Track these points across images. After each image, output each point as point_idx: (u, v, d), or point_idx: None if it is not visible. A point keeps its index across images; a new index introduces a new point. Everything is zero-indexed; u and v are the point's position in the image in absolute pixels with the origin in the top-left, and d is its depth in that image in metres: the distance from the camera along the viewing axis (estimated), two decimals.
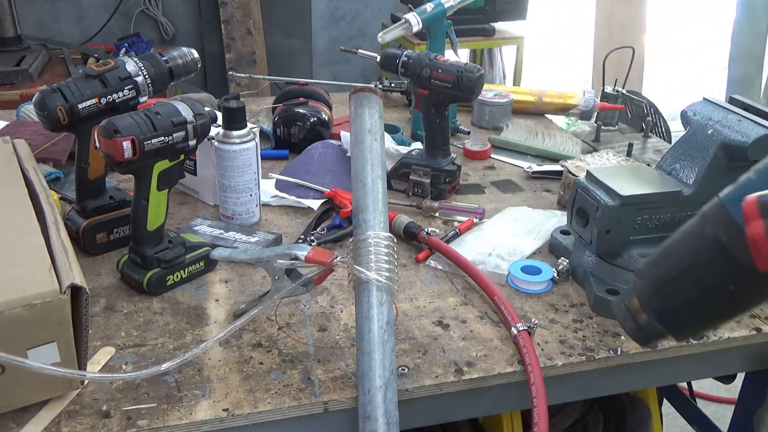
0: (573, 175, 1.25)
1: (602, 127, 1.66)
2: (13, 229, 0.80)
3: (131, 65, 1.02)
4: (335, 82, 2.09)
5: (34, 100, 0.97)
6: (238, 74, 2.38)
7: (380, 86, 1.74)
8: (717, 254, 0.44)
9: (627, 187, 0.96)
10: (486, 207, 1.25)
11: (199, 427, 0.76)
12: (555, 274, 1.03)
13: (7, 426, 0.74)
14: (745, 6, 3.44)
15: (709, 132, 0.97)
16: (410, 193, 1.31)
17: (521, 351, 0.87)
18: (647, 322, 0.51)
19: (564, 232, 1.12)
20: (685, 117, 1.03)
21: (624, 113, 1.82)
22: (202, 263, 1.02)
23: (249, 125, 1.15)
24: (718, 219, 0.44)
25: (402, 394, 0.81)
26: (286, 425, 0.80)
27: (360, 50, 1.63)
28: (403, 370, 0.85)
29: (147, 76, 1.02)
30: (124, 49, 2.85)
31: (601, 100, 1.73)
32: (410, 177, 1.30)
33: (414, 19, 1.46)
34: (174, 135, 0.92)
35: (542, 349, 0.89)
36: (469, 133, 1.62)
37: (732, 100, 1.01)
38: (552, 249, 1.13)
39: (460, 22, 1.79)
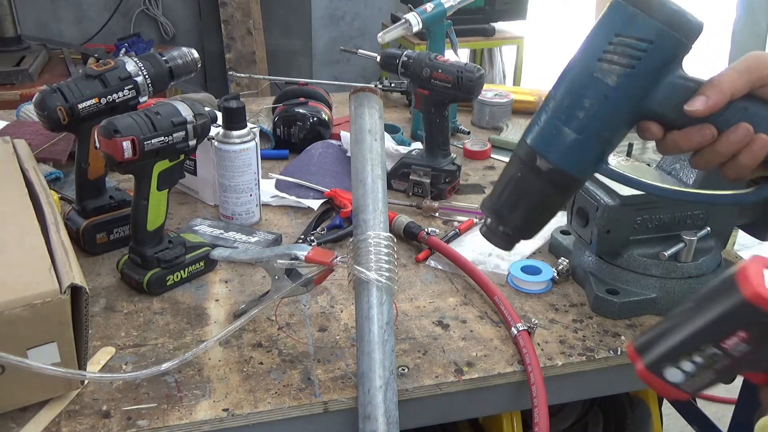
0: None
1: None
2: (13, 229, 0.80)
3: (131, 65, 1.02)
4: (335, 82, 2.09)
5: (34, 100, 0.97)
6: (238, 74, 2.39)
7: (380, 86, 1.74)
8: (533, 177, 0.64)
9: (627, 187, 0.96)
10: None
11: (199, 427, 0.76)
12: (555, 274, 1.03)
13: (7, 426, 0.74)
14: (745, 6, 3.44)
15: None
16: (410, 193, 1.31)
17: (521, 351, 0.87)
18: (503, 231, 0.68)
19: (564, 232, 1.12)
20: None
21: None
22: (202, 263, 1.02)
23: (249, 125, 1.15)
24: (526, 153, 0.64)
25: (402, 394, 0.81)
26: (286, 425, 0.80)
27: (360, 50, 1.63)
28: (403, 370, 0.85)
29: (147, 76, 1.02)
30: (124, 49, 2.85)
31: None
32: (410, 177, 1.30)
33: (414, 19, 1.46)
34: (174, 135, 0.92)
35: (542, 349, 0.89)
36: (469, 133, 1.62)
37: None
38: (552, 249, 1.13)
39: (460, 22, 1.79)
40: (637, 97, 0.59)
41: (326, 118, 1.48)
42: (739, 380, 1.10)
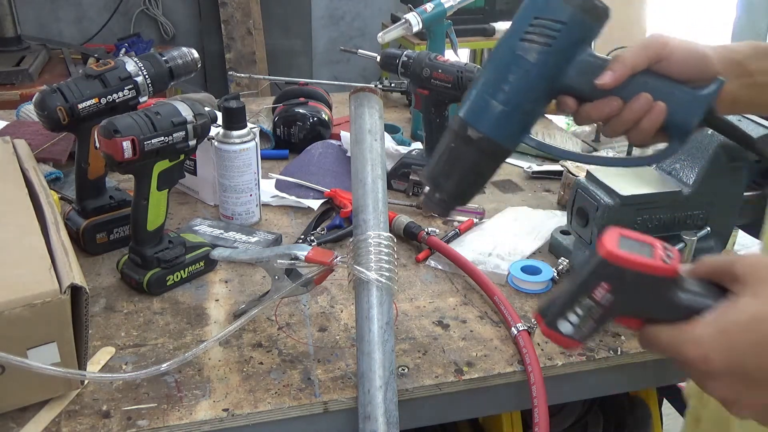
0: (573, 175, 1.26)
1: None
2: (13, 229, 0.80)
3: (131, 65, 1.02)
4: (335, 82, 2.09)
5: (34, 100, 0.97)
6: (238, 74, 2.39)
7: (380, 86, 1.74)
8: (465, 146, 0.71)
9: (627, 187, 0.96)
10: (486, 207, 1.25)
11: (199, 427, 0.76)
12: (555, 274, 1.02)
13: (7, 426, 0.74)
14: (745, 6, 3.44)
15: (709, 132, 0.97)
16: (410, 193, 1.31)
17: (521, 351, 0.87)
18: (439, 198, 0.73)
19: (564, 232, 1.12)
20: None
21: None
22: (202, 263, 1.02)
23: (249, 125, 1.15)
24: (459, 125, 0.71)
25: (402, 394, 0.81)
26: (286, 425, 0.80)
27: (360, 50, 1.63)
28: (403, 370, 0.85)
29: (147, 76, 1.02)
30: (124, 49, 2.85)
31: None
32: (410, 177, 1.30)
33: (414, 19, 1.46)
34: (174, 135, 0.92)
35: (542, 349, 0.89)
36: None
37: None
38: (552, 249, 1.13)
39: (460, 22, 1.79)
40: (554, 73, 0.67)
41: (326, 118, 1.48)
42: None
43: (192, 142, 0.94)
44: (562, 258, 1.05)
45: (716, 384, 0.51)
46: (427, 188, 0.75)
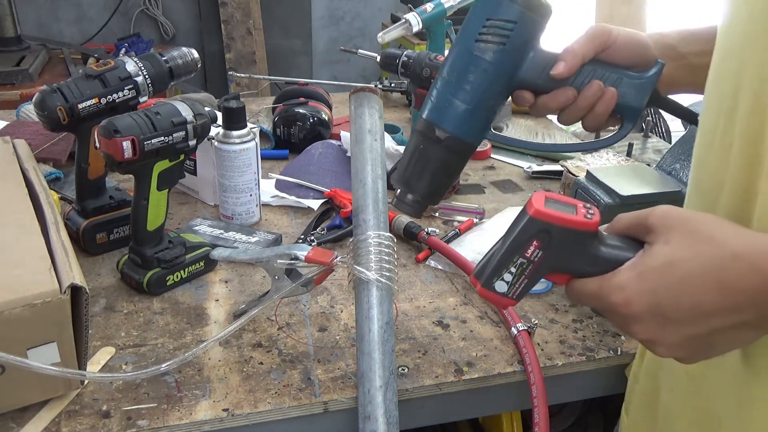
0: (573, 175, 1.26)
1: None
2: (13, 229, 0.80)
3: (131, 65, 1.02)
4: (335, 82, 2.09)
5: (34, 100, 0.97)
6: (238, 74, 2.39)
7: (380, 86, 1.74)
8: (433, 147, 0.74)
9: (627, 187, 0.96)
10: (486, 207, 1.25)
11: (199, 427, 0.76)
12: None
13: (7, 426, 0.74)
14: None
15: None
16: None
17: (521, 351, 0.87)
18: (413, 199, 0.77)
19: None
20: None
21: None
22: (202, 263, 1.02)
23: (249, 125, 1.15)
24: (425, 127, 0.74)
25: (402, 394, 0.81)
26: (286, 425, 0.80)
27: (360, 50, 1.63)
28: (403, 370, 0.85)
29: (147, 76, 1.02)
30: (124, 49, 2.85)
31: None
32: None
33: (414, 19, 1.46)
34: (174, 135, 0.92)
35: (542, 349, 0.89)
36: None
37: None
38: None
39: (460, 22, 1.79)
40: (511, 69, 0.71)
41: (326, 118, 1.48)
42: None
43: (192, 142, 0.94)
44: None
45: (638, 327, 0.55)
46: (398, 191, 0.78)
